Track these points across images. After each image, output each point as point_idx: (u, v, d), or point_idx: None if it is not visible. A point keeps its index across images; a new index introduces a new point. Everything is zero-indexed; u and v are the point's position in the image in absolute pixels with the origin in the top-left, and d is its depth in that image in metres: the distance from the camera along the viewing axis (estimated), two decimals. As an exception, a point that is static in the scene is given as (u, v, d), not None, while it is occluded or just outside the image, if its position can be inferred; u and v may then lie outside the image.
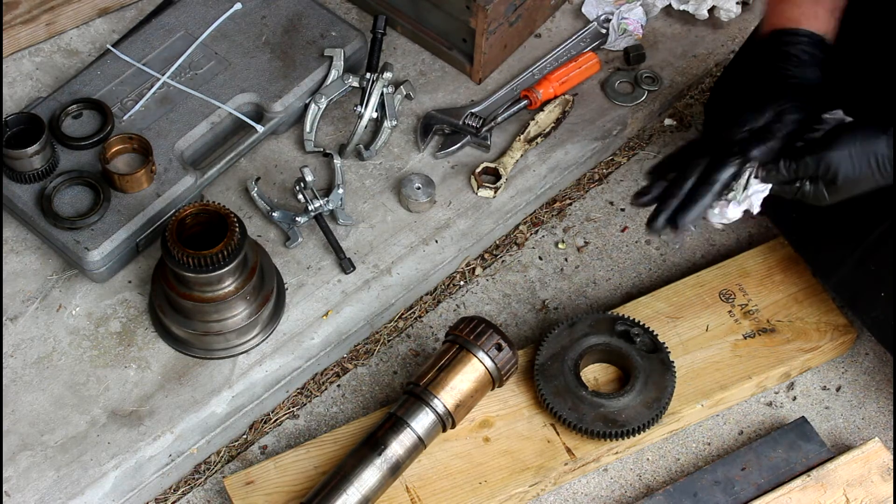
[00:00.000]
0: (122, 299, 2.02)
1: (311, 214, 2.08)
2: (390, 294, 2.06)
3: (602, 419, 1.88)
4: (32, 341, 1.98)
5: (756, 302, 2.04)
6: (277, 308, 2.01)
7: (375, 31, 2.23)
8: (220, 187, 2.15)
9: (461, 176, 2.18)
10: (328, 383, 2.03)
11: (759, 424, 1.99)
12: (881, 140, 1.66)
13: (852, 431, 2.00)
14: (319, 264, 2.07)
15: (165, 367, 1.96)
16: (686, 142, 1.80)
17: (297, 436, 1.98)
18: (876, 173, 1.67)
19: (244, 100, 2.15)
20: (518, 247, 2.17)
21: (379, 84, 2.18)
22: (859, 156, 1.66)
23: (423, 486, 1.87)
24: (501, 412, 1.93)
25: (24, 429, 1.90)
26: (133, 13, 2.35)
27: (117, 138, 2.05)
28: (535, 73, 2.29)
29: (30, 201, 2.02)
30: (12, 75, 2.26)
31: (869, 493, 1.86)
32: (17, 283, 2.03)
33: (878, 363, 2.06)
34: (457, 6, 2.19)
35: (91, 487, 1.86)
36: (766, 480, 1.89)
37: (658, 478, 1.95)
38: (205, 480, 1.94)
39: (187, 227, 1.87)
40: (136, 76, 2.16)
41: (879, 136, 1.66)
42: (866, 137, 1.66)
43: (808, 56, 1.75)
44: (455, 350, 1.85)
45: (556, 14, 2.38)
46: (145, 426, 1.91)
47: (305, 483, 1.86)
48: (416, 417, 1.81)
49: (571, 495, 1.93)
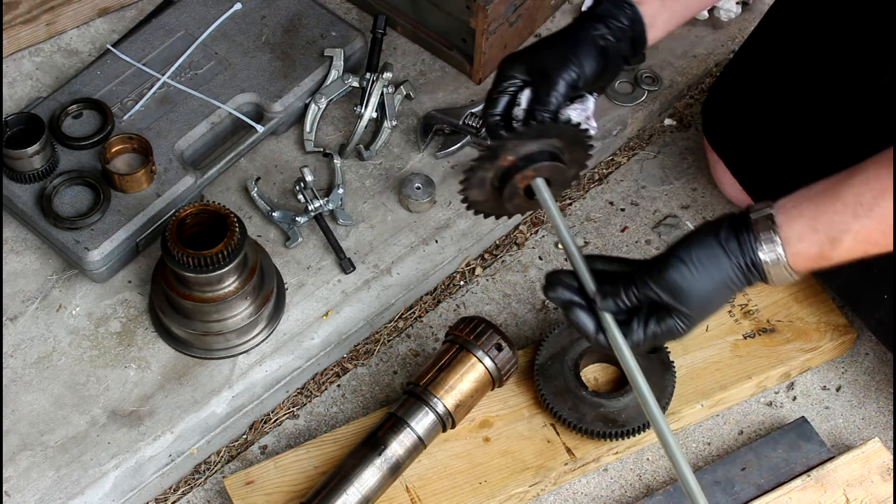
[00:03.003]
0: (122, 299, 2.02)
1: (311, 214, 2.08)
2: (390, 294, 2.06)
3: (602, 419, 1.88)
4: (32, 341, 1.98)
5: (756, 302, 2.04)
6: (277, 308, 2.01)
7: (375, 31, 2.23)
8: (220, 187, 2.15)
9: (461, 176, 2.18)
10: (328, 383, 2.03)
11: (759, 424, 1.99)
12: (722, 258, 1.50)
13: (852, 431, 2.00)
14: (319, 264, 2.07)
15: (165, 367, 1.96)
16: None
17: (297, 436, 1.98)
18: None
19: (244, 100, 2.15)
20: (518, 247, 2.17)
21: (379, 84, 2.18)
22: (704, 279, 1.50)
23: (423, 486, 1.87)
24: (501, 412, 1.93)
25: (24, 429, 1.90)
26: (133, 13, 2.35)
27: (117, 138, 2.05)
28: (535, 73, 2.28)
29: (30, 201, 2.02)
30: (12, 75, 2.26)
31: (869, 493, 1.86)
32: (17, 283, 2.03)
33: (878, 363, 2.07)
34: (457, 6, 2.19)
35: (91, 487, 1.86)
36: (766, 480, 1.89)
37: (658, 478, 1.95)
38: (205, 480, 1.94)
39: (187, 227, 1.87)
40: (136, 76, 2.16)
41: (718, 253, 1.50)
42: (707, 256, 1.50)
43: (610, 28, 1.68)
44: (455, 350, 1.85)
45: (556, 14, 2.38)
46: (145, 426, 1.91)
47: (305, 483, 1.86)
48: (416, 417, 1.81)
49: (571, 495, 1.93)
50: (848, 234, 1.46)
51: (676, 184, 2.24)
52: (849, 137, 1.86)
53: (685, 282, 1.50)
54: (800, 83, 1.94)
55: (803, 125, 1.93)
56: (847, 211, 1.46)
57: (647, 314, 1.53)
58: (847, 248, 1.47)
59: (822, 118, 1.90)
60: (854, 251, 1.48)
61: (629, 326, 1.54)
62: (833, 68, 1.89)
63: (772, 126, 1.98)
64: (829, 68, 1.90)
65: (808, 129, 1.93)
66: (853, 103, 1.86)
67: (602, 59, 1.67)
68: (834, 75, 1.89)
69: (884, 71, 1.82)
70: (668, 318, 1.52)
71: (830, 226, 1.47)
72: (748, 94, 2.02)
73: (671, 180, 2.24)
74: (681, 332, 1.53)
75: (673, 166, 2.26)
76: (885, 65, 1.81)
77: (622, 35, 1.68)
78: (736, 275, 1.50)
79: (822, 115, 1.90)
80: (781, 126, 1.97)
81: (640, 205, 2.21)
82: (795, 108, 1.94)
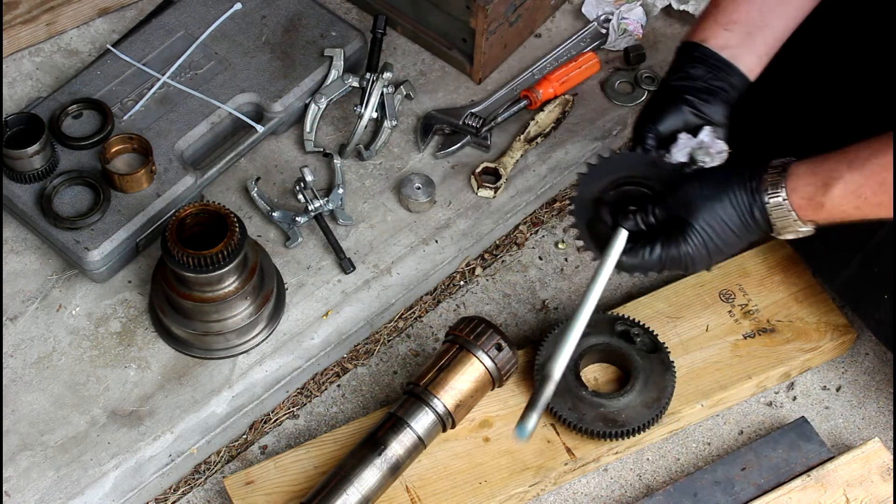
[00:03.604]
0: (122, 299, 2.02)
1: (311, 214, 2.08)
2: (390, 294, 2.06)
3: (602, 419, 1.88)
4: (32, 341, 1.98)
5: (756, 302, 2.04)
6: (277, 308, 2.01)
7: (375, 31, 2.23)
8: (220, 187, 2.15)
9: (461, 176, 2.18)
10: (328, 383, 2.03)
11: (759, 424, 1.99)
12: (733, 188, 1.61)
13: (852, 431, 2.00)
14: (319, 264, 2.07)
15: (165, 367, 1.96)
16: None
17: (297, 436, 1.98)
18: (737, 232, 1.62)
19: (244, 100, 2.15)
20: (518, 247, 2.17)
21: (379, 84, 2.18)
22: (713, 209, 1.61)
23: (423, 486, 1.87)
24: (501, 412, 1.93)
25: (24, 429, 1.90)
26: (133, 13, 2.35)
27: (117, 138, 2.05)
28: (535, 73, 2.29)
29: (30, 201, 2.02)
30: (12, 75, 2.26)
31: (869, 493, 1.86)
32: (17, 283, 2.03)
33: (878, 363, 2.07)
34: (457, 6, 2.19)
35: (91, 487, 1.86)
36: (766, 480, 1.89)
37: (658, 478, 1.95)
38: (205, 480, 1.94)
39: (187, 227, 1.87)
40: (136, 76, 2.16)
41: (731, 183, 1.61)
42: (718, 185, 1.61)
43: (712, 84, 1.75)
44: (455, 350, 1.85)
45: (556, 14, 2.38)
46: (145, 426, 1.91)
47: (305, 483, 1.86)
48: (416, 417, 1.81)
49: (571, 495, 1.93)
50: (839, 181, 1.55)
51: (676, 184, 2.24)
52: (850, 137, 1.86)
53: (694, 191, 1.60)
54: (801, 83, 1.94)
55: (804, 125, 1.93)
56: (843, 160, 1.56)
57: (658, 234, 1.62)
58: (838, 196, 1.55)
59: (823, 117, 1.90)
60: (843, 201, 1.56)
61: (641, 247, 1.63)
62: (835, 68, 1.89)
63: (772, 126, 1.98)
64: (830, 68, 1.90)
65: (809, 128, 1.92)
66: (855, 103, 1.86)
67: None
68: (836, 75, 1.89)
69: (886, 71, 1.82)
70: (678, 237, 1.60)
71: (827, 171, 1.57)
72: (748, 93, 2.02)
73: (671, 180, 2.24)
74: (688, 252, 1.61)
75: (673, 166, 2.26)
76: (888, 65, 1.81)
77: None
78: (741, 197, 1.58)
79: (824, 115, 1.90)
80: (782, 126, 1.97)
81: (640, 205, 2.21)
82: (796, 108, 1.94)
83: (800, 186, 1.58)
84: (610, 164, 1.71)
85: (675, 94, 1.73)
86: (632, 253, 1.64)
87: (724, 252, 1.63)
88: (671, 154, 1.70)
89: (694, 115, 1.72)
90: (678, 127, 1.72)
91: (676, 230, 1.61)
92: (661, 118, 1.72)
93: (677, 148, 1.70)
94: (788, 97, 1.96)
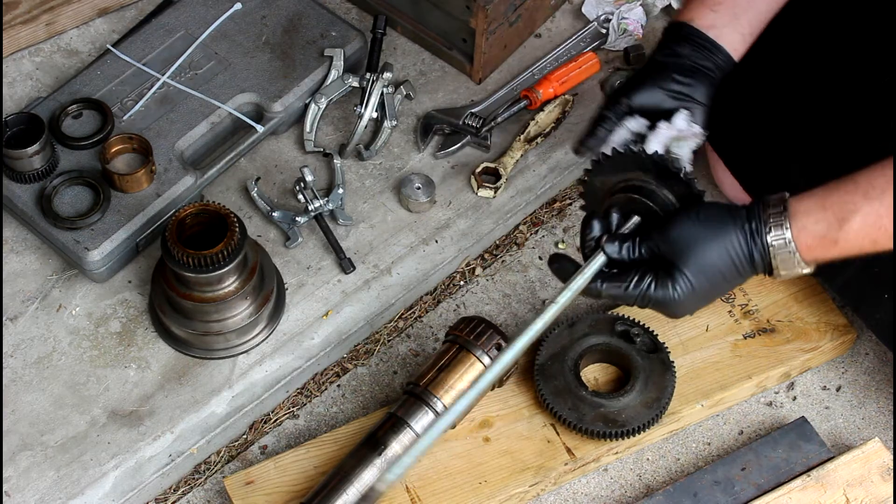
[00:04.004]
0: (122, 299, 2.02)
1: (311, 214, 2.08)
2: (390, 294, 2.06)
3: (602, 419, 1.88)
4: (32, 341, 1.98)
5: (756, 302, 2.04)
6: (277, 308, 2.01)
7: (375, 31, 2.23)
8: (220, 187, 2.15)
9: (461, 176, 2.18)
10: (328, 383, 2.03)
11: (759, 424, 1.99)
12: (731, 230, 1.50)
13: (852, 431, 2.00)
14: (319, 264, 2.07)
15: (165, 367, 1.96)
16: None
17: (297, 436, 1.98)
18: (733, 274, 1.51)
19: (244, 100, 2.15)
20: (518, 247, 2.17)
21: (379, 84, 2.18)
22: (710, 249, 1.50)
23: (423, 486, 1.87)
24: (501, 412, 1.93)
25: (24, 429, 1.90)
26: (133, 13, 2.35)
27: (117, 138, 2.05)
28: (535, 73, 2.29)
29: (30, 201, 2.02)
30: (12, 75, 2.26)
31: (869, 493, 1.86)
32: (17, 283, 2.03)
33: (878, 363, 2.07)
34: (457, 6, 2.19)
35: (91, 487, 1.86)
36: (766, 480, 1.89)
37: (658, 478, 1.95)
38: (205, 480, 1.94)
39: (187, 227, 1.87)
40: (136, 76, 2.16)
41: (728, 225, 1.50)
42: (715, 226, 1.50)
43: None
44: (455, 350, 1.85)
45: (556, 14, 2.38)
46: (145, 426, 1.91)
47: (305, 483, 1.86)
48: (416, 417, 1.81)
49: (571, 495, 1.93)
50: (857, 214, 1.45)
51: (676, 184, 2.24)
52: (850, 136, 1.86)
53: (687, 234, 1.49)
54: (801, 82, 1.94)
55: (804, 124, 1.93)
56: (858, 191, 1.45)
57: (647, 271, 1.52)
58: (855, 230, 1.46)
59: (823, 117, 1.90)
60: (861, 235, 1.46)
61: (626, 275, 1.53)
62: (834, 67, 1.89)
63: (772, 126, 1.98)
64: (830, 67, 1.90)
65: (810, 128, 1.92)
66: (854, 102, 1.86)
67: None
68: (835, 74, 1.89)
69: (886, 70, 1.82)
70: (666, 279, 1.51)
71: (840, 205, 1.46)
72: (748, 93, 2.02)
73: (671, 180, 2.24)
74: (674, 298, 1.51)
75: (673, 166, 2.26)
76: (887, 64, 1.81)
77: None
78: (739, 241, 1.49)
79: (824, 115, 1.90)
80: (782, 126, 1.97)
81: (640, 205, 2.21)
82: (796, 108, 1.94)
83: (809, 224, 1.48)
84: (624, 161, 1.65)
85: (659, 69, 1.73)
86: (613, 280, 1.54)
87: (710, 299, 1.55)
88: (648, 144, 1.69)
89: (674, 94, 1.70)
90: (655, 102, 1.70)
91: (664, 270, 1.52)
92: (640, 90, 1.72)
93: (656, 138, 1.69)
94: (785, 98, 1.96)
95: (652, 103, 1.72)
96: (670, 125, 1.70)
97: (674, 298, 1.52)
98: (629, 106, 1.73)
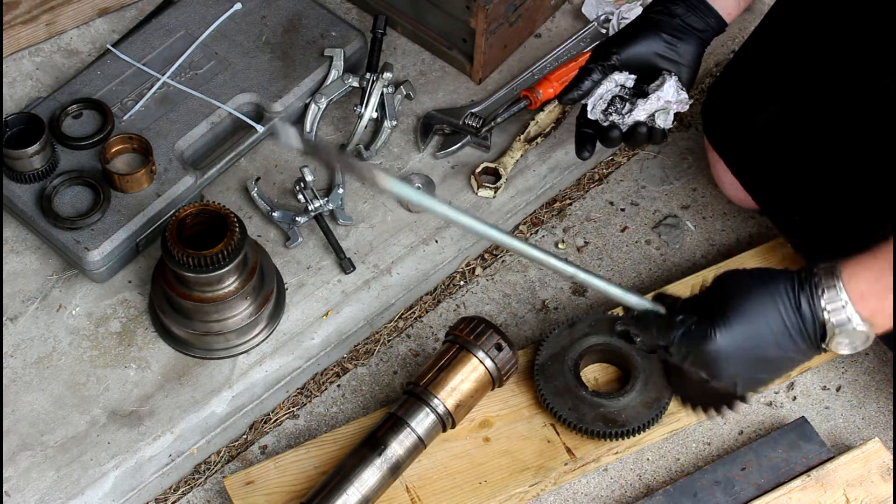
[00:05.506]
0: (122, 299, 2.02)
1: (311, 214, 2.08)
2: (390, 294, 2.06)
3: (602, 419, 1.88)
4: (32, 341, 1.98)
5: (756, 302, 2.03)
6: (277, 308, 2.01)
7: (375, 31, 2.23)
8: (220, 187, 2.15)
9: (461, 176, 2.18)
10: (328, 383, 2.03)
11: (759, 424, 1.99)
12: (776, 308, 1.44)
13: (852, 431, 2.00)
14: (319, 264, 2.07)
15: (165, 367, 1.96)
16: None
17: (297, 436, 1.98)
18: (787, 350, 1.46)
19: (244, 100, 2.15)
20: (518, 247, 2.17)
21: (379, 84, 2.18)
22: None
23: (423, 486, 1.87)
24: (501, 412, 1.93)
25: (24, 429, 1.90)
26: (133, 13, 2.35)
27: (117, 138, 2.05)
28: (535, 73, 2.29)
29: (30, 201, 2.02)
30: (12, 75, 2.26)
31: (869, 493, 1.86)
32: (17, 283, 2.03)
33: (878, 363, 2.07)
34: (457, 6, 2.20)
35: (91, 487, 1.86)
36: (766, 480, 1.89)
37: (658, 478, 1.95)
38: (205, 480, 1.94)
39: (187, 227, 1.87)
40: (136, 76, 2.16)
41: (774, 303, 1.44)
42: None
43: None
44: (455, 350, 1.85)
45: (556, 14, 2.38)
46: (145, 426, 1.91)
47: (305, 483, 1.86)
48: (416, 417, 1.81)
49: (571, 495, 1.93)
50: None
51: (676, 184, 2.24)
52: (850, 137, 1.86)
53: (732, 279, 1.47)
54: (801, 83, 1.94)
55: (804, 125, 1.93)
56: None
57: (688, 317, 1.50)
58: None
59: (823, 118, 1.90)
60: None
61: (666, 318, 1.51)
62: (834, 68, 1.89)
63: (772, 126, 1.98)
64: (830, 68, 1.90)
65: (809, 128, 1.92)
66: (855, 103, 1.86)
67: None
68: (835, 75, 1.89)
69: (886, 72, 1.82)
70: (707, 328, 1.48)
71: (886, 274, 1.43)
72: (748, 94, 2.02)
73: (671, 180, 2.25)
74: (717, 350, 1.47)
75: (673, 166, 2.26)
76: (888, 66, 1.81)
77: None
78: (787, 289, 1.44)
79: (823, 115, 1.90)
80: (782, 126, 1.97)
81: (640, 205, 2.22)
82: (796, 108, 1.94)
83: (860, 271, 1.44)
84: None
85: (651, 25, 1.75)
86: (651, 324, 1.51)
87: (757, 356, 1.46)
88: (633, 113, 1.73)
89: (663, 53, 1.72)
90: (643, 59, 1.72)
91: (707, 317, 1.46)
92: (629, 45, 1.74)
93: (643, 107, 1.72)
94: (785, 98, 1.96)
95: (640, 60, 1.74)
96: (659, 97, 1.73)
97: (716, 349, 1.47)
98: (618, 60, 1.76)
